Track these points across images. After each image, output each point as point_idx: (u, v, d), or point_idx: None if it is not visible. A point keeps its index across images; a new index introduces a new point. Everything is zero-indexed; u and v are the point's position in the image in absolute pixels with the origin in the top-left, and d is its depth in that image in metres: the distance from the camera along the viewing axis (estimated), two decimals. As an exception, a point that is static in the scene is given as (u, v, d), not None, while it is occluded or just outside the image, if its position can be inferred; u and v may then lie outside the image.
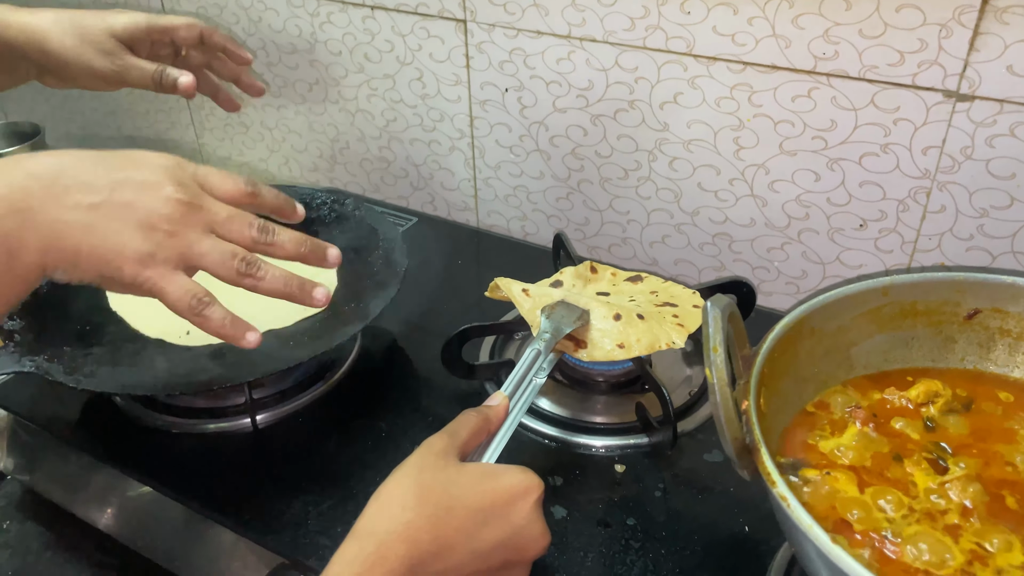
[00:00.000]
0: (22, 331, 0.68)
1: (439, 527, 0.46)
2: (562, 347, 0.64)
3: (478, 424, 0.53)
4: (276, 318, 0.73)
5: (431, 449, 0.50)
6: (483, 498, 0.48)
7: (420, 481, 0.48)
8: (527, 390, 0.58)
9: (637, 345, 0.64)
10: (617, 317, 0.65)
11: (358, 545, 0.45)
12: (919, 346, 0.58)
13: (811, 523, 0.39)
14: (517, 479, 0.49)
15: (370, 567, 0.44)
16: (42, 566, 0.71)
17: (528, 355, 0.61)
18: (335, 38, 1.00)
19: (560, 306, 0.66)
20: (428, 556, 0.45)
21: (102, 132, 1.35)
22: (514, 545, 0.49)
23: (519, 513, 0.48)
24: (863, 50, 0.70)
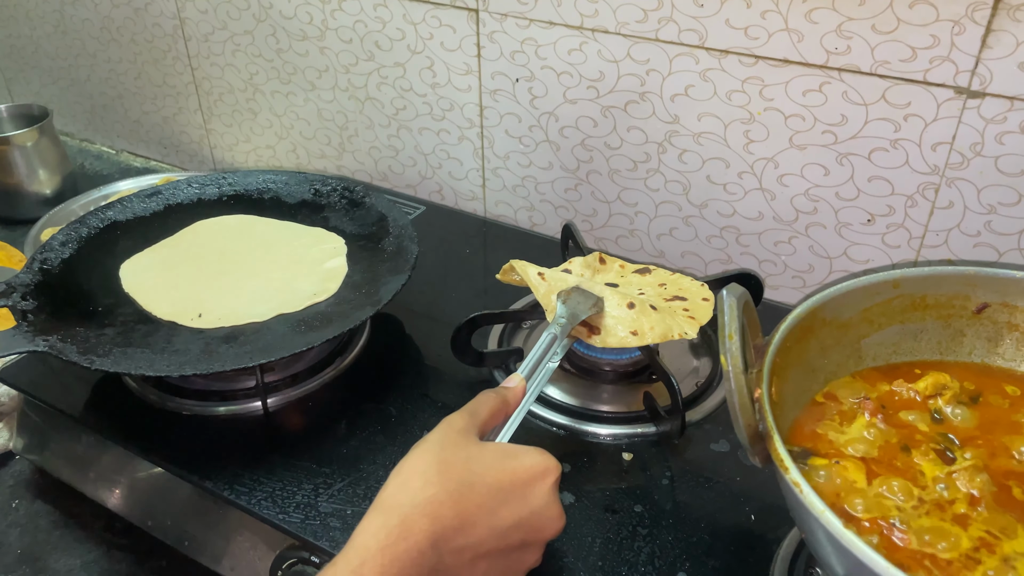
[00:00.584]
0: (35, 311, 0.68)
1: (461, 503, 0.47)
2: (576, 333, 0.65)
3: (497, 405, 0.54)
4: (287, 302, 0.73)
5: (452, 426, 0.51)
6: (503, 477, 0.49)
7: (442, 457, 0.48)
8: (542, 373, 0.59)
9: (651, 333, 0.64)
10: (631, 306, 0.65)
11: (382, 518, 0.46)
12: (928, 339, 0.58)
13: (823, 508, 0.40)
14: (537, 460, 0.50)
15: (394, 541, 0.44)
16: (51, 545, 0.72)
17: (544, 339, 0.61)
18: (346, 25, 1.00)
19: (575, 292, 0.66)
20: (450, 531, 0.46)
21: (109, 116, 1.35)
22: (531, 525, 0.49)
23: (538, 494, 0.49)
24: (875, 45, 0.71)
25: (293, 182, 0.89)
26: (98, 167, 1.34)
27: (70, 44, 1.31)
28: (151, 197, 0.86)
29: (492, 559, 0.49)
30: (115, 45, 1.25)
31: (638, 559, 0.58)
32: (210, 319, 0.71)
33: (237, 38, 1.11)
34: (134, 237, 0.82)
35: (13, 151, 1.13)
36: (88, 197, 1.14)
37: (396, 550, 0.44)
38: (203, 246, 0.82)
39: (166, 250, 0.81)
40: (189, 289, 0.75)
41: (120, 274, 0.77)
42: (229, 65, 1.14)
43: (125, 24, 1.21)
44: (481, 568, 0.48)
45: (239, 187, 0.89)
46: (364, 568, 0.43)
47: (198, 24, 1.13)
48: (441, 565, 0.46)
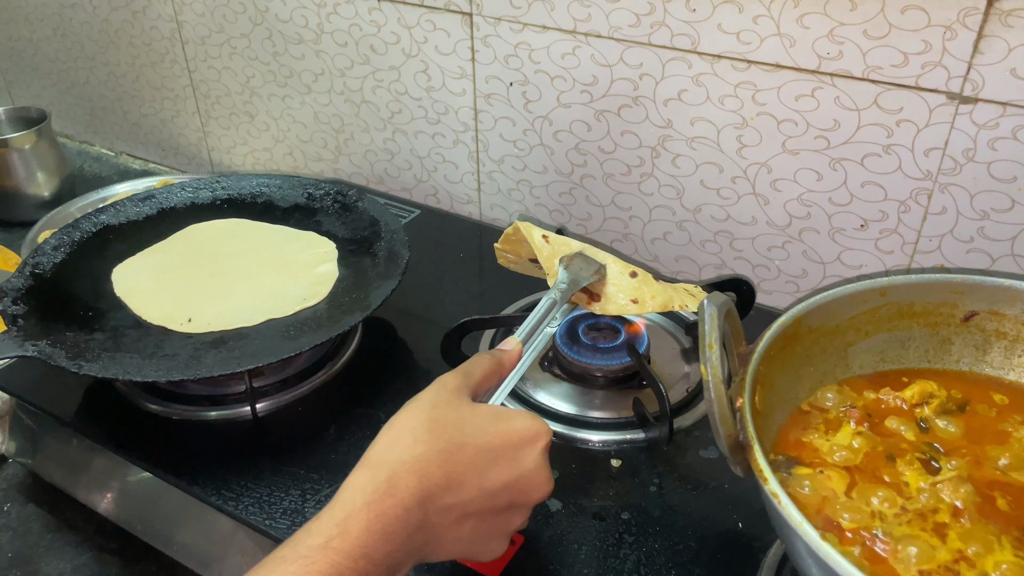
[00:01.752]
0: (25, 316, 0.68)
1: (450, 462, 0.47)
2: (576, 299, 0.63)
3: (491, 367, 0.54)
4: (277, 307, 0.73)
5: (445, 386, 0.51)
6: (494, 438, 0.49)
7: (433, 416, 0.48)
8: (539, 337, 0.59)
9: (651, 302, 0.63)
10: (633, 275, 0.64)
11: (369, 473, 0.45)
12: (915, 347, 0.58)
13: (801, 520, 0.40)
14: (528, 424, 0.50)
15: (381, 496, 0.44)
16: (43, 548, 0.72)
17: (543, 304, 0.60)
18: (341, 29, 1.00)
19: (578, 258, 0.65)
20: (438, 490, 0.46)
21: (108, 118, 1.35)
22: (520, 488, 0.49)
23: (527, 457, 0.49)
24: (867, 50, 0.70)
25: (286, 186, 0.89)
26: (97, 169, 1.34)
27: (69, 47, 1.31)
28: (144, 201, 0.86)
29: (479, 519, 0.49)
30: (113, 48, 1.25)
31: (624, 566, 0.58)
32: (200, 324, 0.71)
33: (234, 41, 1.11)
34: (127, 241, 0.82)
35: (11, 154, 1.13)
36: (86, 199, 1.15)
37: (382, 506, 0.44)
38: (195, 250, 0.82)
39: (158, 254, 0.81)
40: (180, 293, 0.76)
41: (112, 278, 0.78)
42: (226, 68, 1.15)
43: (123, 27, 1.22)
44: (467, 527, 0.48)
45: (232, 191, 0.89)
46: (349, 522, 0.43)
47: (195, 27, 1.14)
48: (427, 523, 0.46)
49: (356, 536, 0.43)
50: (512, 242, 0.71)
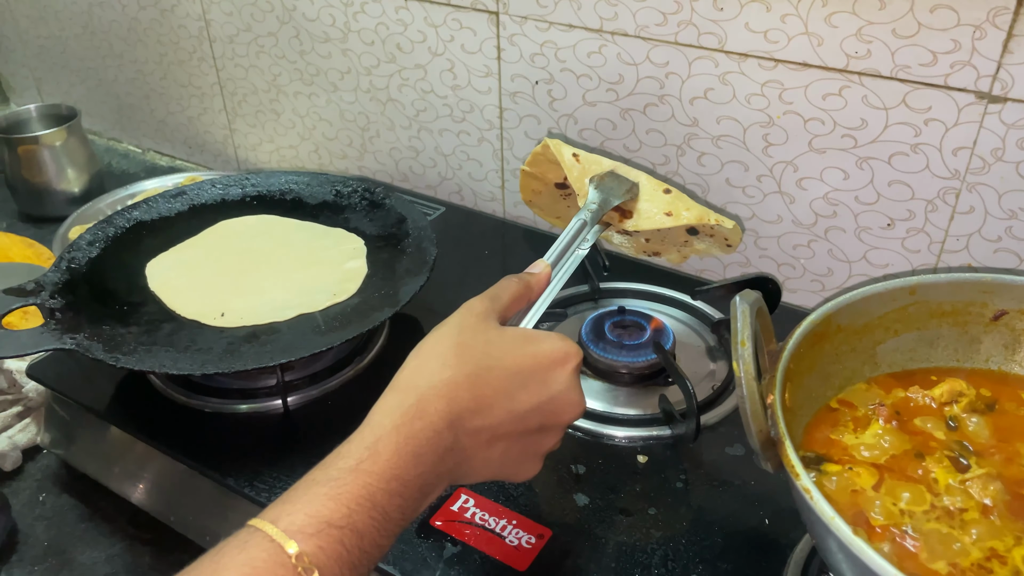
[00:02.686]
0: (63, 309, 0.70)
1: (478, 385, 0.47)
2: (608, 218, 0.61)
3: (519, 290, 0.54)
4: (307, 303, 0.74)
5: (472, 311, 0.50)
6: (522, 361, 0.48)
7: (460, 340, 0.48)
8: (569, 260, 0.57)
9: (686, 214, 0.61)
10: (667, 191, 0.62)
11: (398, 398, 0.46)
12: (944, 346, 0.58)
13: (833, 515, 0.40)
14: (556, 345, 0.49)
15: (410, 419, 0.44)
16: (77, 537, 0.74)
17: (573, 225, 0.58)
18: (368, 28, 1.01)
19: (609, 176, 0.63)
20: (466, 412, 0.46)
21: (136, 115, 1.37)
22: (550, 409, 0.49)
23: (557, 378, 0.49)
24: (896, 49, 0.70)
25: (315, 183, 0.90)
26: (125, 166, 1.36)
27: (98, 45, 1.33)
28: (176, 197, 0.87)
29: (509, 441, 0.49)
30: (142, 46, 1.27)
31: (651, 561, 0.59)
32: (232, 318, 0.72)
33: (261, 40, 1.12)
34: (159, 237, 0.83)
35: (42, 150, 1.15)
36: (115, 196, 1.16)
37: (411, 428, 0.44)
38: (226, 246, 0.83)
39: (190, 250, 0.83)
40: (212, 288, 0.77)
41: (146, 273, 0.79)
42: (253, 66, 1.16)
43: (151, 26, 1.23)
44: (499, 449, 0.48)
45: (262, 188, 0.90)
46: (379, 444, 0.43)
47: (223, 26, 1.15)
48: (457, 445, 0.46)
49: (387, 458, 0.43)
50: (540, 162, 0.67)
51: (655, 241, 0.68)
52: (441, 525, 0.61)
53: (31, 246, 1.07)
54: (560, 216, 0.74)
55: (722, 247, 0.66)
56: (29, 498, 0.77)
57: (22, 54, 1.48)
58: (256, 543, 0.39)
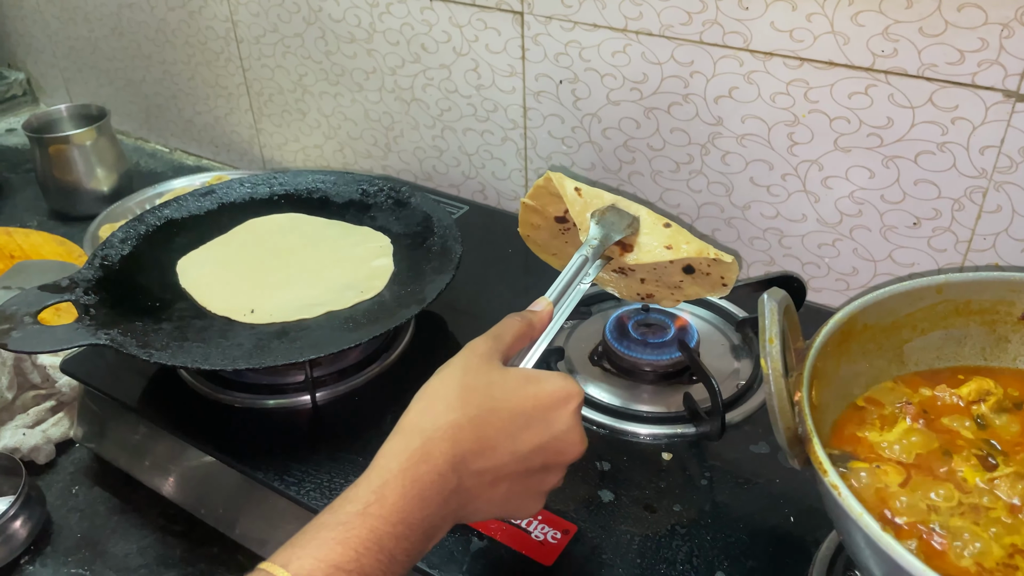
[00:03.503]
0: (96, 305, 0.71)
1: (482, 427, 0.47)
2: (609, 252, 0.63)
3: (522, 329, 0.54)
4: (335, 300, 0.75)
5: (475, 351, 0.51)
6: (525, 402, 0.49)
7: (464, 383, 0.49)
8: (571, 296, 0.58)
9: (686, 247, 0.62)
10: (667, 225, 0.64)
11: (404, 440, 0.47)
12: (972, 344, 0.58)
13: (861, 511, 0.41)
14: (559, 385, 0.50)
15: (415, 463, 0.45)
16: (109, 530, 0.75)
17: (575, 261, 0.59)
18: (393, 28, 1.02)
19: (611, 211, 0.64)
20: (470, 454, 0.47)
21: (164, 115, 1.39)
22: (553, 449, 0.50)
23: (559, 419, 0.50)
24: (923, 48, 0.70)
25: (341, 182, 0.91)
26: (152, 165, 1.38)
27: (126, 46, 1.35)
28: (205, 196, 0.89)
29: (513, 481, 0.49)
30: (170, 47, 1.29)
31: (676, 557, 0.59)
32: (262, 315, 0.74)
33: (287, 40, 1.14)
34: (189, 234, 0.85)
35: (73, 150, 1.17)
36: (143, 195, 1.18)
37: (417, 471, 0.45)
38: (255, 244, 0.84)
39: (220, 247, 0.84)
40: (242, 285, 0.78)
41: (176, 270, 0.80)
42: (279, 67, 1.17)
43: (179, 27, 1.25)
44: (502, 489, 0.49)
45: (289, 187, 0.91)
46: (386, 488, 0.44)
47: (250, 27, 1.16)
48: (462, 487, 0.47)
49: (393, 502, 0.44)
50: (542, 195, 0.69)
51: (650, 282, 0.69)
52: (468, 520, 0.62)
53: (62, 244, 1.09)
54: (555, 253, 0.75)
55: (717, 287, 0.67)
56: (62, 491, 0.79)
57: (52, 55, 1.50)
58: None
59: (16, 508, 0.71)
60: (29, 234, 1.12)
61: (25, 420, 0.82)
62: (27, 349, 0.65)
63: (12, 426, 0.81)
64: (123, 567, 0.71)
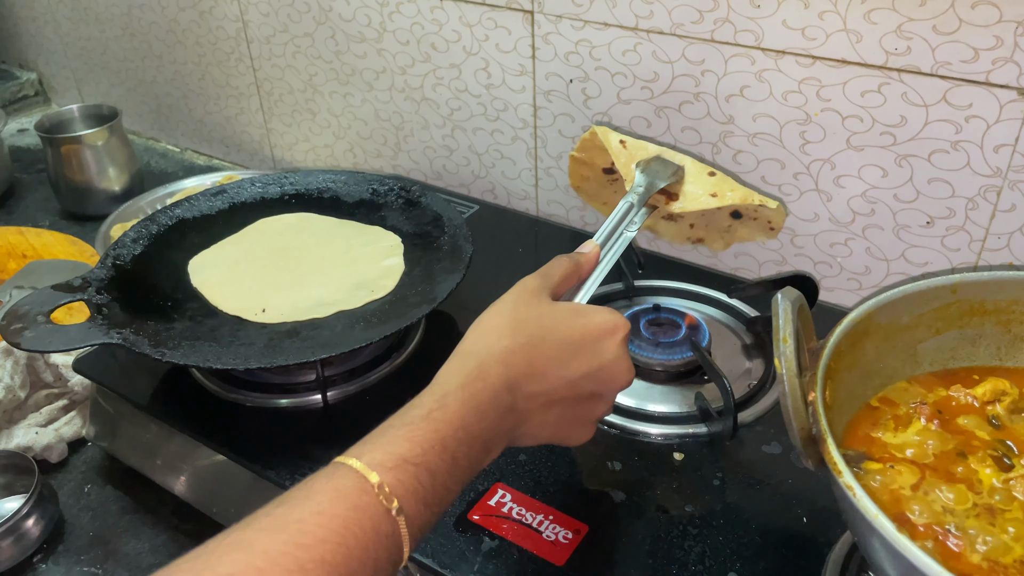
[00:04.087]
0: (109, 305, 0.71)
1: (532, 354, 0.50)
2: (654, 201, 0.64)
3: (570, 269, 0.57)
4: (346, 299, 0.75)
5: (525, 287, 0.54)
6: (574, 332, 0.52)
7: (515, 315, 0.52)
8: (618, 241, 0.60)
9: (731, 195, 0.64)
10: (712, 174, 0.65)
11: (460, 362, 0.50)
12: (987, 344, 0.57)
13: (877, 512, 0.40)
14: (606, 318, 0.53)
15: (472, 380, 0.48)
16: (121, 528, 0.75)
17: (621, 207, 0.61)
18: (403, 28, 1.02)
19: (656, 161, 0.65)
20: (523, 377, 0.50)
21: (174, 115, 1.40)
22: (601, 377, 0.52)
23: (607, 348, 0.52)
24: (936, 46, 0.70)
25: (352, 182, 0.91)
26: (163, 165, 1.39)
27: (137, 46, 1.36)
28: (217, 196, 0.89)
29: (564, 405, 0.52)
30: (180, 47, 1.29)
31: (688, 558, 0.59)
32: (273, 314, 0.74)
33: (298, 40, 1.14)
34: (201, 234, 0.85)
35: (84, 150, 1.18)
36: (155, 194, 1.19)
37: (474, 387, 0.48)
38: (266, 243, 0.84)
39: (231, 247, 0.84)
40: (253, 285, 0.78)
41: (188, 270, 0.81)
42: (289, 66, 1.18)
43: (190, 27, 1.25)
44: (554, 412, 0.52)
45: (300, 186, 0.91)
46: (447, 399, 0.47)
47: (260, 27, 1.17)
48: (516, 407, 0.50)
49: (454, 410, 0.47)
50: (589, 148, 0.71)
51: (699, 227, 0.70)
52: (479, 519, 0.62)
53: (74, 243, 1.10)
54: (607, 202, 0.77)
55: (765, 231, 0.68)
56: (74, 489, 0.79)
57: (63, 55, 1.51)
58: (343, 474, 0.44)
59: (29, 506, 0.72)
60: (41, 233, 1.12)
61: (38, 419, 0.82)
62: (40, 348, 0.65)
63: (25, 425, 0.81)
64: (135, 566, 0.72)
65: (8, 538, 0.71)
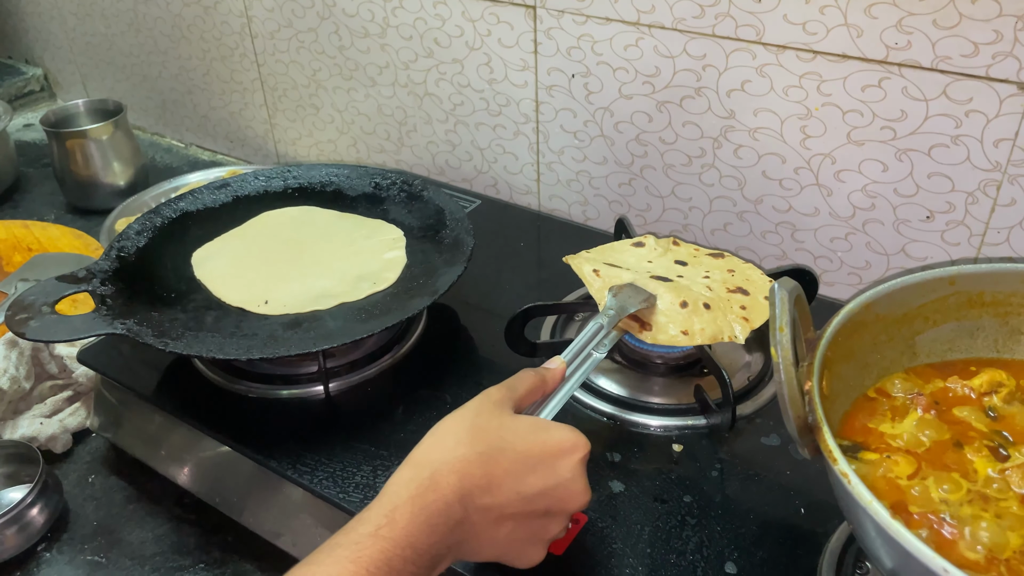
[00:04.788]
0: (113, 296, 0.72)
1: (489, 465, 0.49)
2: (627, 326, 0.66)
3: (535, 383, 0.56)
4: (348, 291, 0.76)
5: (489, 397, 0.53)
6: (533, 447, 0.51)
7: (476, 423, 0.51)
8: (585, 361, 0.60)
9: (700, 334, 0.65)
10: (684, 304, 0.66)
11: (413, 471, 0.49)
12: (984, 336, 0.58)
13: (871, 499, 0.41)
14: (566, 435, 0.52)
15: (423, 491, 0.47)
16: (125, 518, 0.76)
17: (591, 328, 0.62)
18: (406, 23, 1.03)
19: (628, 287, 0.68)
20: (477, 489, 0.49)
21: (178, 110, 1.40)
22: (557, 496, 0.51)
23: (565, 467, 0.51)
24: (936, 40, 0.70)
25: (355, 176, 0.92)
26: (168, 160, 1.39)
27: (143, 42, 1.36)
28: (220, 189, 0.89)
29: (517, 521, 0.51)
30: (185, 43, 1.30)
31: (687, 548, 0.59)
32: (276, 306, 0.74)
33: (301, 35, 1.14)
34: (204, 227, 0.86)
35: (90, 144, 1.18)
36: (159, 189, 1.19)
37: (425, 500, 0.47)
38: (269, 236, 0.85)
39: (234, 240, 0.85)
40: (256, 277, 0.79)
41: (191, 262, 0.81)
42: (293, 62, 1.18)
43: (195, 22, 1.26)
44: (506, 528, 0.51)
45: (303, 180, 0.92)
46: (396, 513, 0.46)
47: (264, 22, 1.17)
48: (467, 520, 0.49)
49: (403, 526, 0.46)
50: None
51: None
52: (479, 509, 0.62)
53: (79, 237, 1.10)
54: None
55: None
56: (79, 479, 0.80)
57: (68, 51, 1.52)
58: None
59: (34, 496, 0.72)
60: (47, 227, 1.13)
61: (42, 410, 0.83)
62: (45, 338, 0.66)
63: (29, 415, 0.82)
64: (138, 555, 0.72)
65: (13, 527, 0.71)
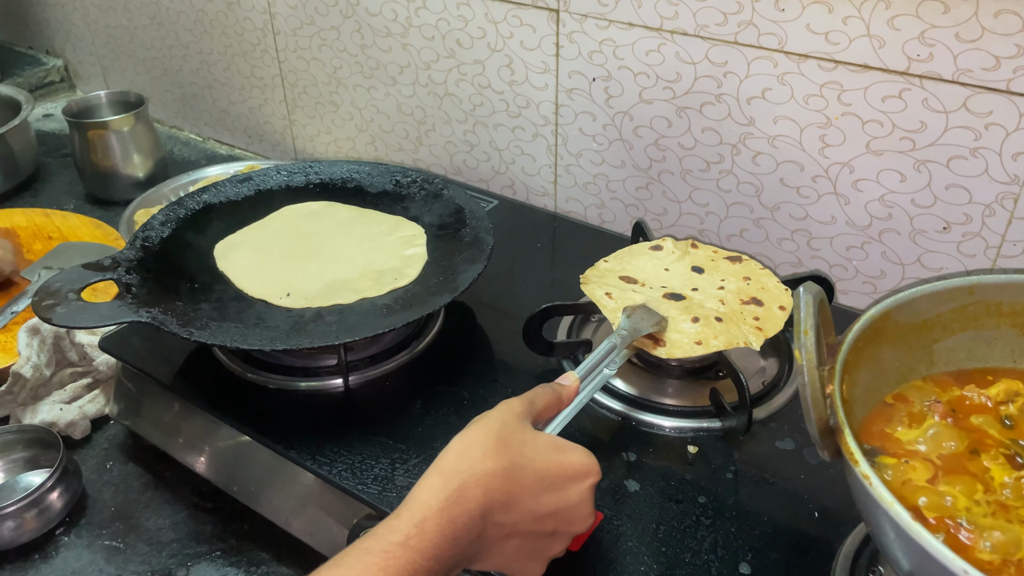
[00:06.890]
0: (138, 285, 0.73)
1: (511, 481, 0.51)
2: (641, 344, 0.68)
3: (552, 399, 0.58)
4: (369, 286, 0.77)
5: (512, 409, 0.54)
6: (551, 467, 0.52)
7: (501, 435, 0.52)
8: (596, 378, 0.62)
9: (714, 342, 0.67)
10: (695, 320, 0.68)
11: (442, 481, 0.50)
12: (1002, 346, 0.58)
13: (892, 500, 0.41)
14: (582, 459, 0.54)
15: (452, 504, 0.49)
16: (143, 504, 0.77)
17: (604, 347, 0.65)
18: (429, 23, 1.04)
19: (641, 309, 0.70)
20: (497, 505, 0.50)
21: (198, 104, 1.41)
22: (565, 517, 0.53)
23: (576, 491, 0.53)
24: (958, 53, 0.71)
25: (375, 173, 0.93)
26: (186, 153, 1.40)
27: (164, 35, 1.38)
28: (243, 183, 0.90)
29: (524, 539, 0.52)
30: (207, 37, 1.31)
31: (701, 547, 0.60)
32: (297, 299, 0.75)
33: (324, 33, 1.15)
34: (227, 219, 0.87)
35: (110, 136, 1.19)
36: (178, 181, 1.20)
37: (452, 512, 0.48)
38: (290, 230, 0.86)
39: (256, 232, 0.86)
40: (277, 270, 0.80)
41: (214, 254, 0.82)
42: (315, 59, 1.19)
43: (218, 17, 1.27)
44: (512, 544, 0.52)
45: (324, 176, 0.93)
46: (426, 524, 0.48)
47: (287, 19, 1.18)
48: (484, 535, 0.50)
49: (431, 537, 0.47)
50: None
51: None
52: (496, 504, 0.63)
53: (99, 226, 1.12)
54: None
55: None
56: (97, 465, 0.81)
57: (90, 43, 1.53)
58: None
59: (53, 480, 0.73)
60: (67, 216, 1.14)
61: (62, 396, 0.84)
62: (71, 324, 0.67)
63: (49, 401, 0.83)
64: (155, 541, 0.73)
65: (32, 510, 0.72)
